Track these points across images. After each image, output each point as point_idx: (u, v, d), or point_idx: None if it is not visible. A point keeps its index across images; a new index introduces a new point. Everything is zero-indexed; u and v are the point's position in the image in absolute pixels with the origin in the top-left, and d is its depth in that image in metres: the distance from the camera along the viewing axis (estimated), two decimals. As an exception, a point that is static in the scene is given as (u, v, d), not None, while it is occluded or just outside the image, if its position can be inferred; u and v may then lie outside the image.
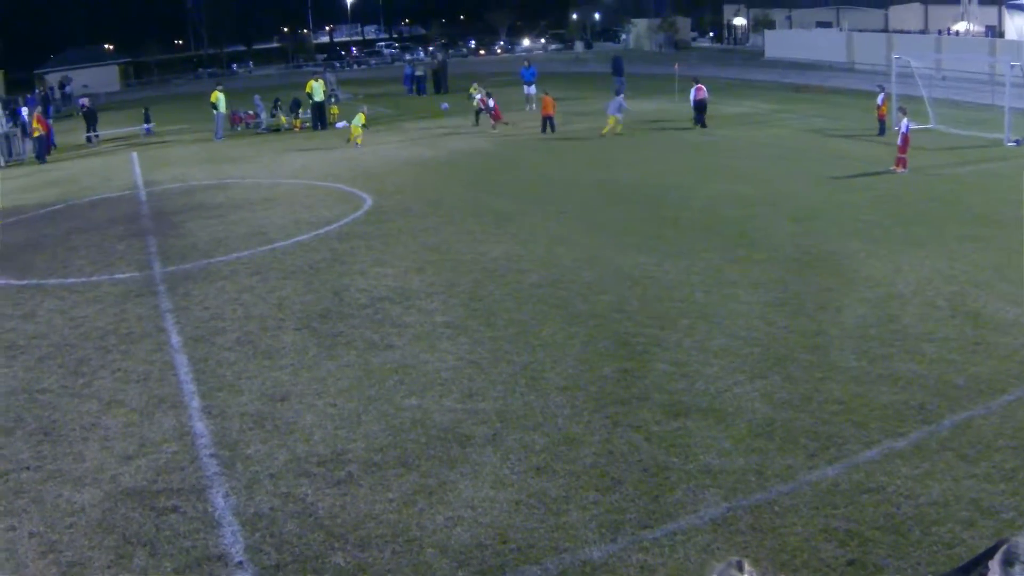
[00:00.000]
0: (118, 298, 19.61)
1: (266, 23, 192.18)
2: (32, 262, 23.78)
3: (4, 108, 52.15)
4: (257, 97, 56.17)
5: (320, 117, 49.93)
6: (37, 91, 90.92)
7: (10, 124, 50.59)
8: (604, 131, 37.90)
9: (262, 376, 14.47)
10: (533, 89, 51.08)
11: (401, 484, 10.83)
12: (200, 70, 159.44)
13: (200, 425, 12.93)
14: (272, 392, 13.81)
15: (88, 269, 22.37)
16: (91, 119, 54.11)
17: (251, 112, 54.22)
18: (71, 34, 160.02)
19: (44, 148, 47.34)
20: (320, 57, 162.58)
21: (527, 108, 50.17)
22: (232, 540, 9.98)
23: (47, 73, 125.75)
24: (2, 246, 26.46)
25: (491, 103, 44.85)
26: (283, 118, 51.83)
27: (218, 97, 49.76)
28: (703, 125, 39.50)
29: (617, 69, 56.91)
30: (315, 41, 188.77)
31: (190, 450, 12.21)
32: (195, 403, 13.69)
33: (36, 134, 47.67)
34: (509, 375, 13.82)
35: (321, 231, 23.82)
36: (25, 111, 51.26)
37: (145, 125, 55.31)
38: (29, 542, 10.38)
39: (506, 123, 44.46)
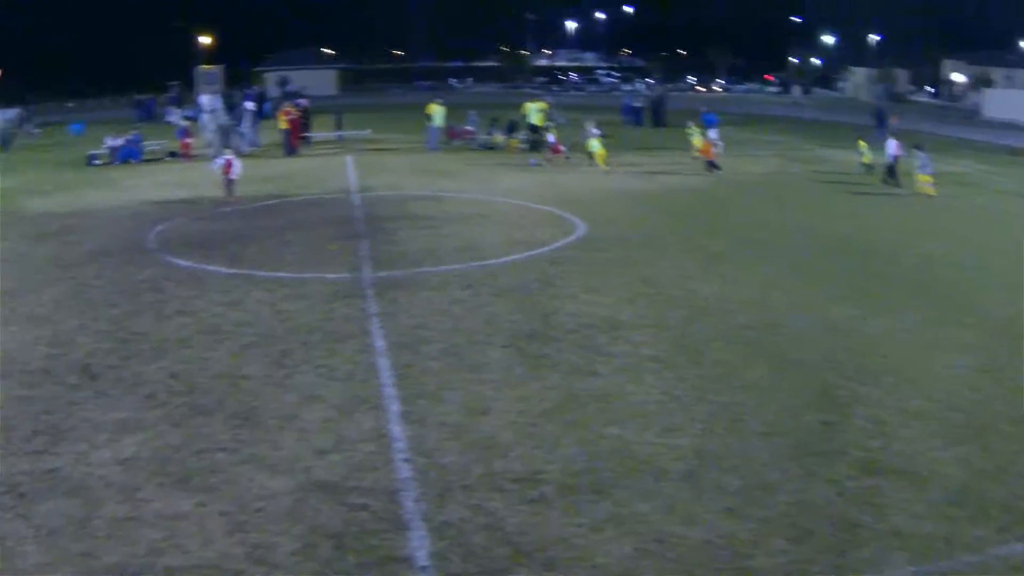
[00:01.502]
0: (326, 296, 20.33)
1: (486, 41, 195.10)
2: (243, 253, 24.89)
3: (224, 102, 54.28)
4: (473, 114, 57.23)
5: (534, 140, 50.36)
6: (255, 88, 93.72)
7: (229, 118, 52.66)
8: (931, 191, 36.34)
9: (465, 389, 14.80)
10: (715, 133, 50.71)
11: (593, 510, 10.95)
12: (418, 82, 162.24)
13: (398, 429, 13.29)
14: (473, 405, 14.10)
15: (298, 265, 23.28)
16: (306, 121, 56.13)
17: (468, 128, 55.20)
18: (292, 35, 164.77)
19: (290, 141, 49.60)
20: (539, 80, 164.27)
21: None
22: (418, 544, 10.23)
23: (265, 71, 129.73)
24: (216, 234, 27.63)
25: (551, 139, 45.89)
26: (498, 137, 52.63)
27: (435, 110, 50.84)
28: (884, 181, 38.23)
29: (880, 120, 56.21)
30: (534, 63, 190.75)
31: (386, 452, 12.57)
32: (395, 407, 14.07)
33: (283, 126, 49.94)
34: (710, 414, 13.84)
35: (534, 252, 24.21)
36: (252, 105, 53.28)
37: (337, 132, 57.09)
38: (218, 520, 10.88)
39: (567, 158, 44.71)
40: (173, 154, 50.60)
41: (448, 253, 24.26)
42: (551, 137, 46.13)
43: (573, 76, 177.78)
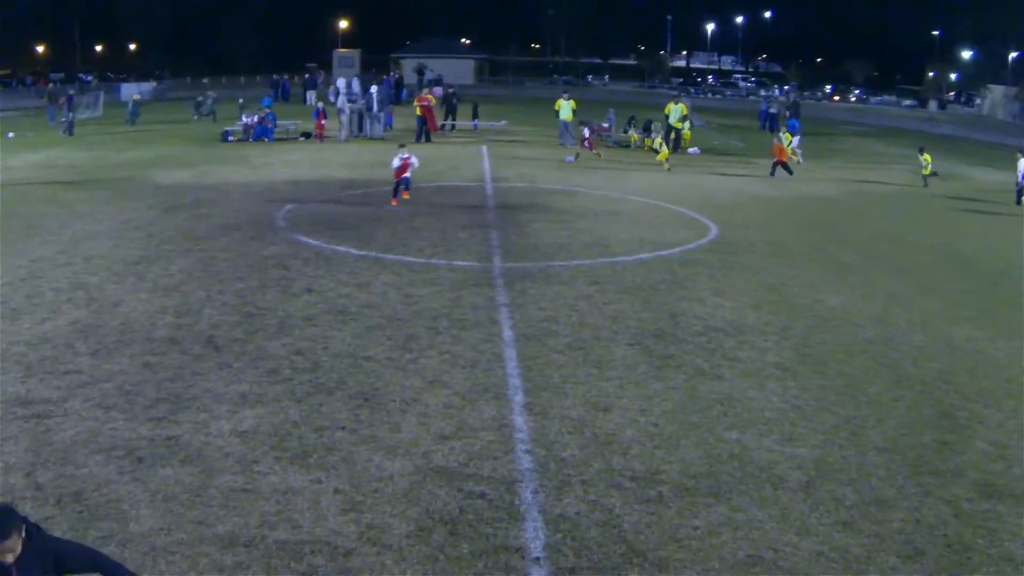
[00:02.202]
0: (455, 284, 20.52)
1: (624, 40, 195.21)
2: (373, 235, 25.24)
3: (360, 86, 55.18)
4: (611, 112, 57.29)
5: (673, 140, 50.13)
6: (393, 73, 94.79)
7: (363, 102, 53.44)
8: None
9: (589, 384, 14.81)
10: (797, 140, 49.55)
11: (709, 514, 10.90)
12: (555, 76, 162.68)
13: (520, 420, 13.35)
14: (596, 401, 14.11)
15: (428, 251, 23.54)
16: (451, 108, 57.08)
17: (604, 125, 55.22)
18: (429, 23, 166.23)
19: (422, 128, 50.39)
20: (676, 81, 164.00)
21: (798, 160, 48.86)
22: (533, 536, 10.26)
23: (402, 58, 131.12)
24: (347, 216, 28.03)
25: (585, 132, 45.51)
26: (634, 136, 52.61)
27: (561, 105, 51.05)
28: (1016, 202, 37.47)
29: None
30: (672, 64, 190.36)
31: (506, 442, 12.62)
32: (518, 398, 14.14)
33: (419, 112, 50.81)
34: (831, 426, 13.66)
35: (663, 252, 24.13)
36: (375, 90, 54.10)
37: (474, 121, 57.70)
38: (333, 497, 11.04)
39: (597, 155, 44.52)
40: (307, 135, 51.48)
41: (579, 248, 24.27)
42: (586, 131, 45.59)
43: (711, 79, 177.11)
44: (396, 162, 30.38)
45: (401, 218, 27.87)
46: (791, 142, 45.42)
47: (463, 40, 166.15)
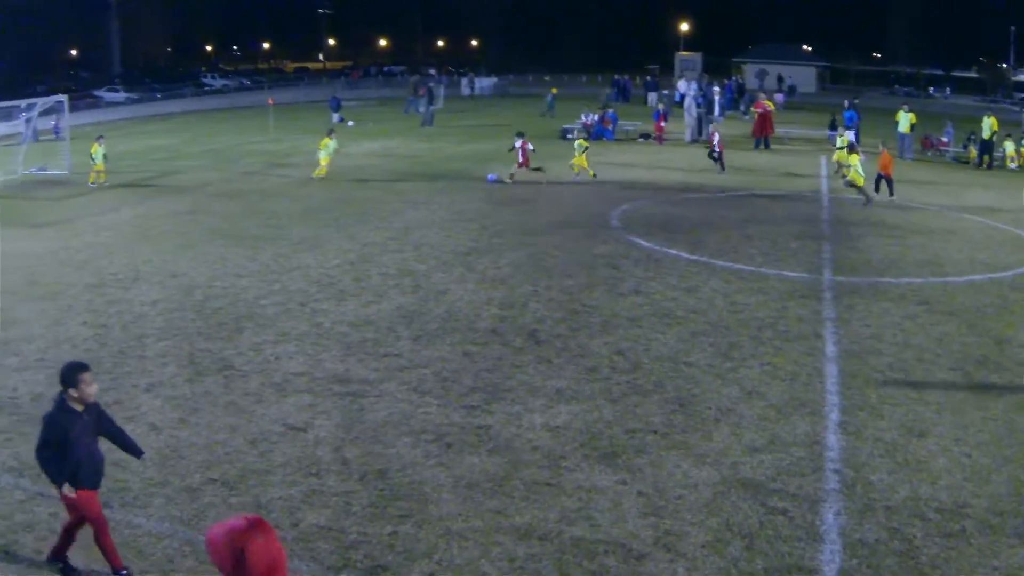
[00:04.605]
0: (782, 294, 20.18)
1: (967, 51, 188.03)
2: (704, 240, 25.13)
3: (698, 89, 55.03)
4: (950, 125, 55.14)
5: (987, 153, 47.68)
6: (735, 78, 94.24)
7: (703, 107, 53.18)
8: None
9: (906, 407, 14.27)
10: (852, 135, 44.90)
11: (1010, 555, 10.27)
12: (896, 87, 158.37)
13: (833, 438, 13.03)
14: (912, 426, 13.58)
15: (758, 259, 23.24)
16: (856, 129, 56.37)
17: (942, 139, 53.27)
18: (770, 28, 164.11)
19: (760, 133, 49.99)
20: (1019, 95, 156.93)
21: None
22: (829, 559, 10.02)
23: (743, 62, 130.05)
24: (680, 219, 28.02)
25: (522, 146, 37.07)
26: (973, 152, 50.45)
27: (900, 116, 49.27)
28: None
29: None
30: (1015, 78, 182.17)
31: (816, 460, 12.34)
32: (834, 416, 13.81)
33: (755, 117, 50.42)
34: None
35: (996, 275, 22.85)
36: (717, 91, 53.79)
37: (830, 131, 56.42)
38: (635, 500, 11.09)
39: (538, 168, 36.44)
40: (646, 136, 51.55)
41: (910, 265, 23.34)
42: (518, 143, 39.30)
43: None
44: None
45: (734, 224, 27.60)
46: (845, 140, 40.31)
47: (804, 47, 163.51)
